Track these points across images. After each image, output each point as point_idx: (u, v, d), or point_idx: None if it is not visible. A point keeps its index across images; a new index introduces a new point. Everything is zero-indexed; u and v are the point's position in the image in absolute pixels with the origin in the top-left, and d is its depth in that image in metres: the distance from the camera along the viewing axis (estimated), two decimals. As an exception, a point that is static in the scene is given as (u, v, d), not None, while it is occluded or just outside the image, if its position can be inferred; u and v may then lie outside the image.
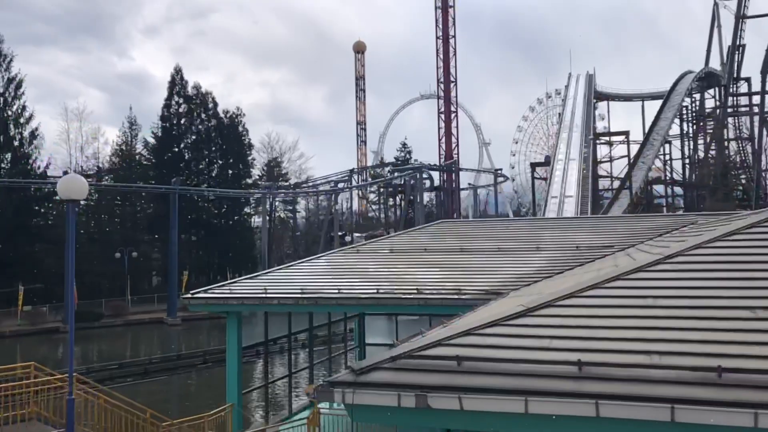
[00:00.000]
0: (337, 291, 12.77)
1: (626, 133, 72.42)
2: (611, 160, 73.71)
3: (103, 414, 12.13)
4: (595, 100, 79.34)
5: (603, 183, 73.27)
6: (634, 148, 72.58)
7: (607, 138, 74.60)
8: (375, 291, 12.31)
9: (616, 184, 72.14)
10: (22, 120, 59.83)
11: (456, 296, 11.35)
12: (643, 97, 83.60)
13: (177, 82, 70.31)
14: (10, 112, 59.14)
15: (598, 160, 72.15)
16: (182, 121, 69.67)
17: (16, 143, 59.28)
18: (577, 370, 4.69)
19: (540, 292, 8.37)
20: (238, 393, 13.40)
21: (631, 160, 69.92)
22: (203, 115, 71.04)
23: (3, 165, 58.56)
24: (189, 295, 13.86)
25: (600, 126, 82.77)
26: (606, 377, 4.57)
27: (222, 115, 72.41)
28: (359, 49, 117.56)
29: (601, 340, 5.32)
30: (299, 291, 13.07)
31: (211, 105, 71.78)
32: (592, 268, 10.57)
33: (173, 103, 69.83)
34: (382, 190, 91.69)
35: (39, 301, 50.32)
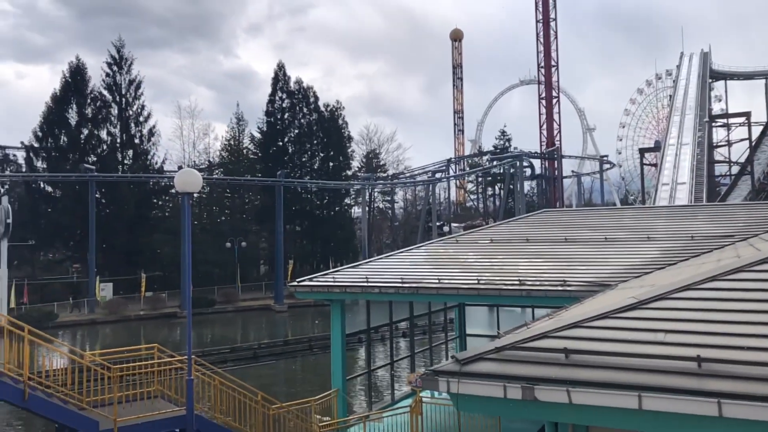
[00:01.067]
0: (437, 281, 12.80)
1: (747, 114, 67.02)
2: (729, 143, 68.59)
3: (218, 395, 12.87)
4: (711, 80, 74.09)
5: (719, 169, 68.37)
6: (756, 131, 67.18)
7: (724, 120, 69.46)
8: (476, 282, 12.22)
9: (735, 169, 67.13)
10: (141, 119, 64.44)
11: (560, 288, 11.03)
12: (766, 75, 77.07)
13: (280, 78, 72.77)
14: (130, 112, 63.83)
15: (714, 144, 67.38)
16: (285, 116, 72.07)
17: (136, 140, 63.91)
18: (696, 366, 4.44)
19: (652, 284, 7.97)
20: (342, 379, 13.78)
21: (753, 143, 64.77)
22: (305, 110, 73.12)
23: (126, 161, 63.31)
24: (295, 283, 14.38)
25: (716, 108, 77.24)
26: (730, 375, 4.30)
27: (323, 108, 74.23)
28: (456, 36, 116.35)
29: (722, 336, 5.01)
30: (399, 280, 13.22)
31: (312, 99, 73.74)
32: (710, 259, 9.93)
33: (277, 98, 72.36)
34: (480, 179, 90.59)
35: (158, 288, 54.09)
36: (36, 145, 61.11)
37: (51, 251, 66.60)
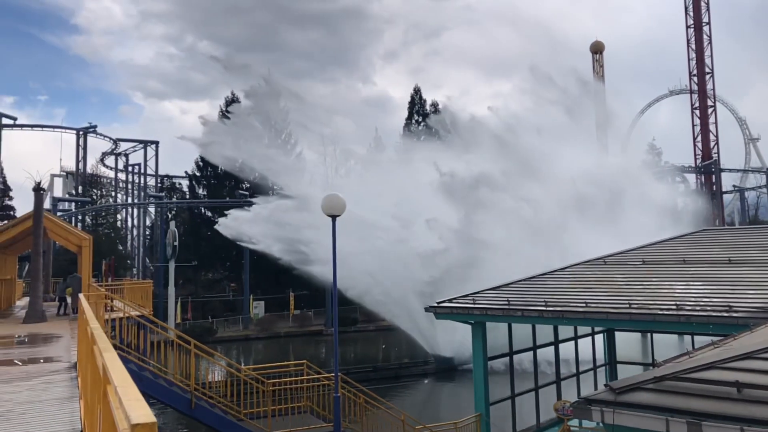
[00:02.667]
0: (584, 305, 12.24)
1: None
2: None
3: (363, 412, 13.21)
4: None
5: None
6: None
7: None
8: (626, 305, 11.53)
9: None
10: (289, 146, 68.57)
11: (725, 314, 10.09)
12: None
13: (416, 101, 74.15)
14: (280, 140, 68.19)
15: None
16: (422, 138, 73.12)
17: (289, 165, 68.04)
18: None
19: (839, 312, 7.06)
20: (485, 403, 13.56)
21: None
22: (441, 131, 73.71)
23: (275, 187, 67.56)
24: (435, 305, 14.45)
25: None
26: None
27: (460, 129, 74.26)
28: (597, 49, 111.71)
29: None
30: (543, 304, 12.81)
31: (448, 121, 74.15)
32: None
33: (413, 121, 73.71)
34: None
35: (305, 306, 56.73)
36: (197, 174, 67.13)
37: (211, 271, 72.43)
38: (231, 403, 12.69)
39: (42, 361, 11.73)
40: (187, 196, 69.59)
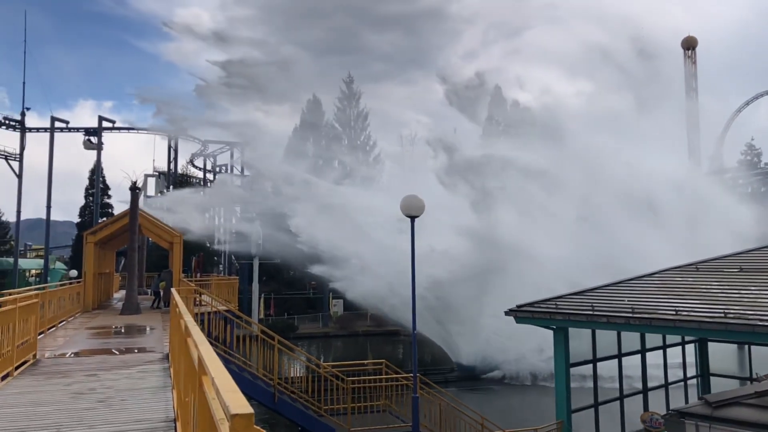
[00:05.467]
0: (674, 312, 11.69)
1: None
2: None
3: (441, 414, 13.17)
4: None
5: None
6: None
7: None
8: (722, 315, 10.91)
9: None
10: (367, 148, 69.40)
11: (834, 326, 9.37)
12: None
13: (496, 100, 73.11)
14: (358, 142, 69.14)
15: None
16: (502, 138, 72.07)
17: (364, 168, 68.91)
18: None
19: None
20: (567, 410, 13.20)
21: None
22: (521, 130, 72.35)
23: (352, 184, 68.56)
24: (515, 308, 14.20)
25: None
26: None
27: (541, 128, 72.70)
28: (689, 45, 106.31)
29: None
30: (630, 310, 12.34)
31: (528, 119, 72.71)
32: None
33: (493, 122, 72.72)
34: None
35: (383, 306, 57.16)
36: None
37: (292, 269, 74.32)
38: (311, 399, 12.98)
39: (136, 351, 12.43)
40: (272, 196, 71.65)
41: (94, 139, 62.03)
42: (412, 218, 14.66)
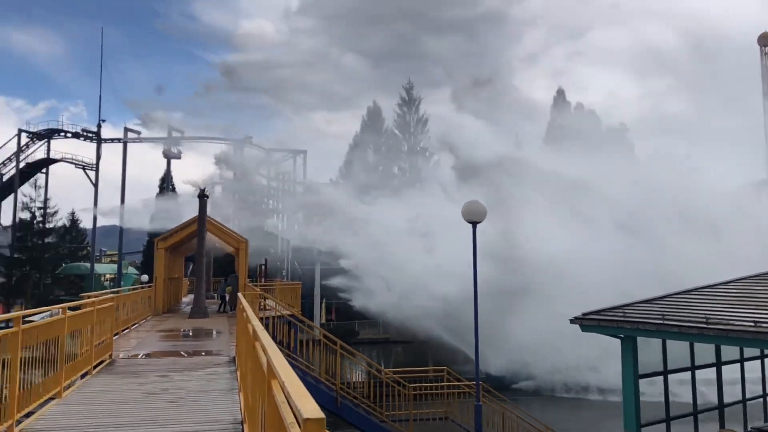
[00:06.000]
0: (753, 324, 11.11)
1: None
2: None
3: (504, 422, 12.98)
4: None
5: None
6: None
7: None
8: (806, 326, 10.30)
9: None
10: (427, 154, 69.31)
11: None
12: None
13: (559, 103, 71.76)
14: (418, 148, 69.16)
15: None
16: (564, 143, 70.59)
17: (423, 174, 68.87)
18: None
19: None
20: (636, 425, 12.75)
21: None
22: (585, 134, 70.69)
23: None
24: (581, 316, 13.84)
25: None
26: None
27: (605, 131, 70.87)
28: (767, 41, 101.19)
29: None
30: (704, 320, 11.80)
31: (592, 123, 70.98)
32: None
33: (557, 126, 71.36)
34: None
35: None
36: (341, 181, 69.88)
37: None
38: (372, 404, 13.04)
39: (204, 354, 12.83)
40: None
41: (175, 149, 65.74)
42: (474, 224, 14.58)
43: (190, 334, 16.91)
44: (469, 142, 41.20)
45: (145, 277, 44.59)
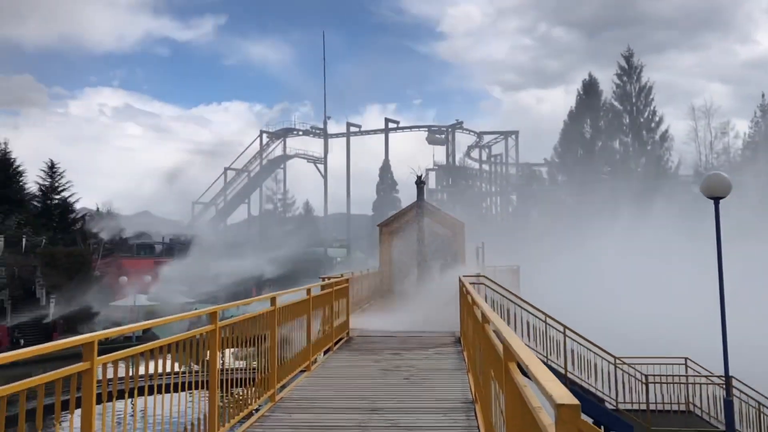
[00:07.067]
0: None
1: None
2: None
3: (761, 420, 11.48)
4: None
5: None
6: None
7: None
8: None
9: None
10: (652, 125, 63.58)
11: None
12: None
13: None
14: (641, 119, 63.74)
15: None
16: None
17: (648, 147, 63.37)
18: None
19: None
20: None
21: None
22: None
23: (639, 169, 63.43)
24: None
25: None
26: None
27: None
28: None
29: None
30: None
31: None
32: None
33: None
34: None
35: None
36: (557, 160, 67.35)
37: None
38: (604, 393, 12.41)
39: (429, 334, 13.29)
40: (547, 183, 70.47)
41: (440, 135, 70.87)
42: (717, 200, 13.01)
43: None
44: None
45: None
